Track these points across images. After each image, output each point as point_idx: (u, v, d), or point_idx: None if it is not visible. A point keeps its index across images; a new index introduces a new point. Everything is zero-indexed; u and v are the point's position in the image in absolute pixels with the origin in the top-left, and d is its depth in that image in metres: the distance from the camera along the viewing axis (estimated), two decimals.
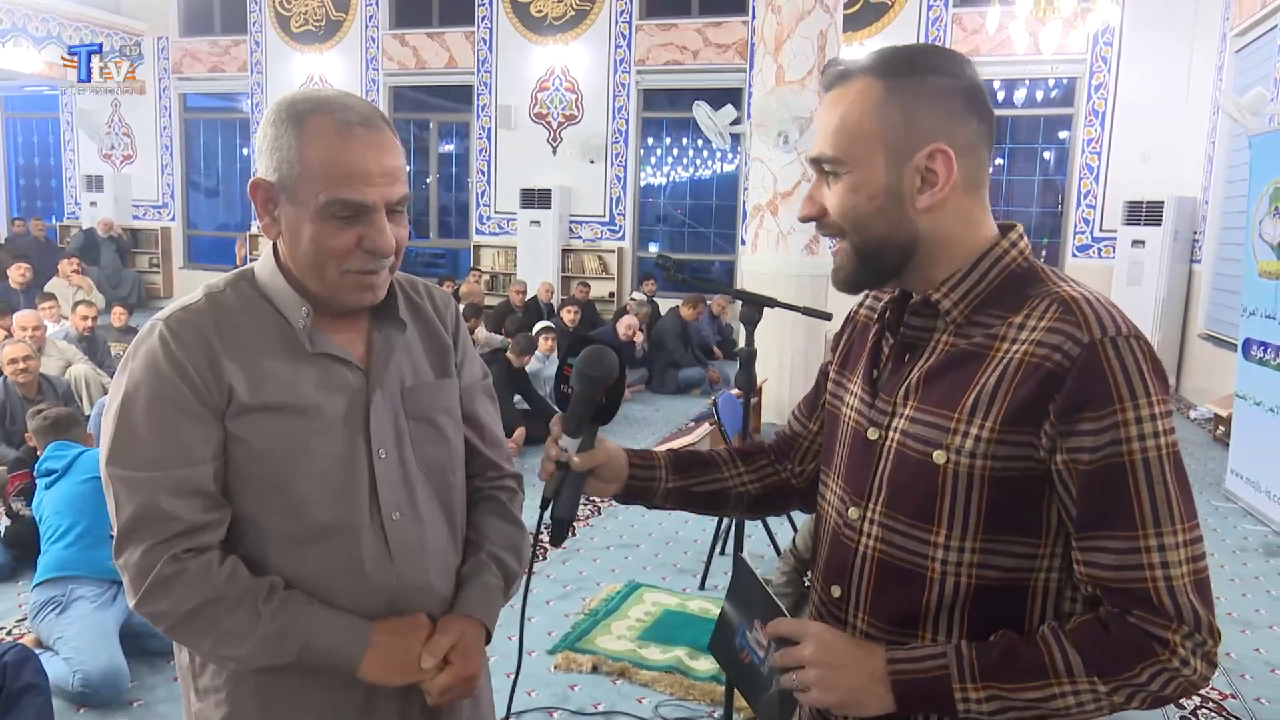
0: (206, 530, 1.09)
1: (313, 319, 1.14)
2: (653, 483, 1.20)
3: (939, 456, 0.95)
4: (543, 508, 1.13)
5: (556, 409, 1.16)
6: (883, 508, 1.00)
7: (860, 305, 1.17)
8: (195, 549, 1.08)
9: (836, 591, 1.05)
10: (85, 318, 6.27)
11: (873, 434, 1.03)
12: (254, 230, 12.15)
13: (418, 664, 1.13)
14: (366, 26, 11.63)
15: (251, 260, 1.28)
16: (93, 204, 12.68)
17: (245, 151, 12.85)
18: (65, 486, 3.12)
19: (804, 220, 1.03)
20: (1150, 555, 0.88)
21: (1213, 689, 3.12)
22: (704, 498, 1.23)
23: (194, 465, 1.08)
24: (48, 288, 8.59)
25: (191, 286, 1.18)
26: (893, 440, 1.00)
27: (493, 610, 1.25)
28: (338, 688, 1.14)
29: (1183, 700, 3.03)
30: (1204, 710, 2.99)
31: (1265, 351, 5.04)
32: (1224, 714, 2.97)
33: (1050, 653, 0.90)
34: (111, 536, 1.10)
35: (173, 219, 12.99)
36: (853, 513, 1.04)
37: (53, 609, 2.95)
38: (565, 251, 10.97)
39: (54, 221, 13.15)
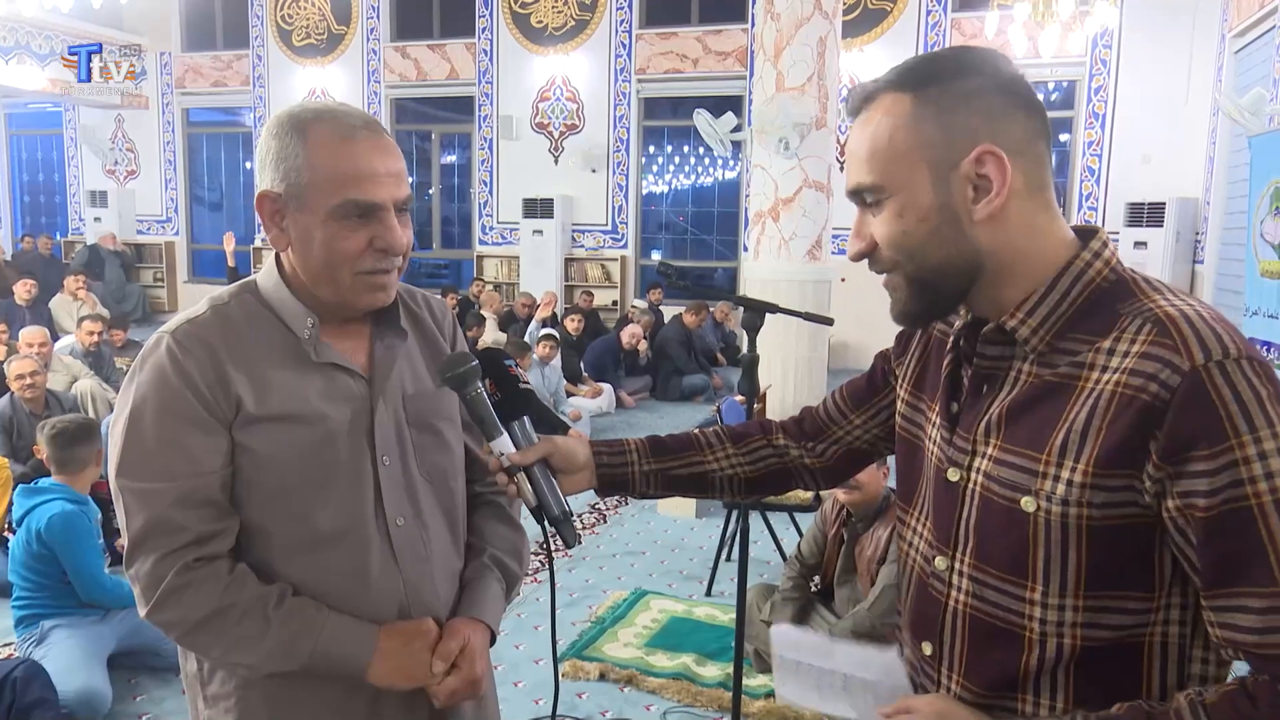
0: (216, 539, 1.10)
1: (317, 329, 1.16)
2: (626, 468, 1.19)
3: (1028, 504, 0.85)
4: (538, 520, 1.14)
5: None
6: (971, 559, 0.91)
7: None
8: (205, 558, 1.09)
9: (928, 649, 0.97)
10: (91, 333, 6.29)
11: (953, 475, 0.93)
12: (257, 244, 12.21)
13: (425, 668, 1.14)
14: (368, 39, 11.69)
15: (255, 269, 1.29)
16: (97, 219, 12.73)
17: (248, 165, 12.90)
18: (15, 546, 3.04)
19: (854, 259, 0.94)
20: None
21: None
22: (686, 481, 1.21)
23: (203, 476, 1.09)
24: (52, 304, 8.63)
25: (196, 300, 1.20)
26: (976, 483, 0.90)
27: (497, 613, 1.27)
28: (345, 692, 1.15)
29: None
30: None
31: (1270, 351, 5.03)
32: None
33: None
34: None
35: (176, 233, 13.04)
36: (940, 562, 0.95)
37: (32, 643, 2.94)
38: (568, 260, 10.99)
39: (58, 237, 13.22)
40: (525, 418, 1.13)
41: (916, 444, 1.03)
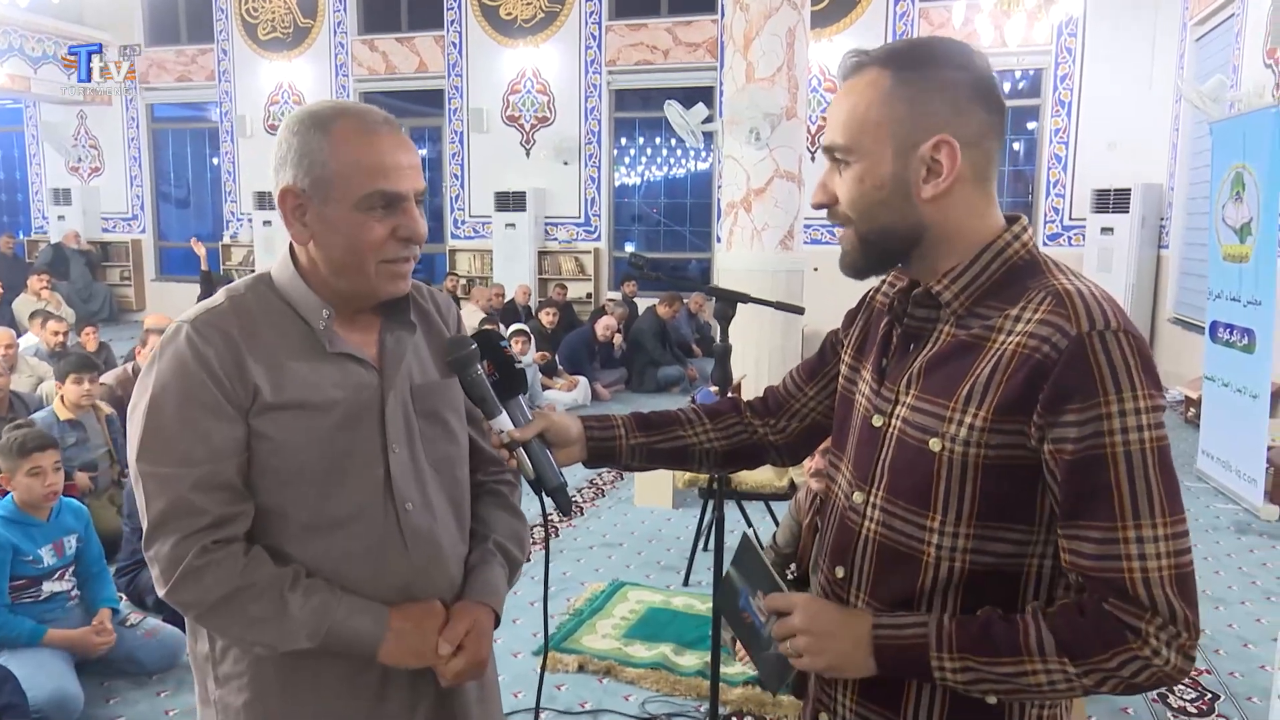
0: (233, 522, 1.14)
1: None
2: (614, 442, 1.27)
3: (935, 444, 0.97)
4: (536, 491, 1.20)
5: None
6: (884, 493, 1.03)
7: (877, 291, 1.18)
8: (223, 540, 1.13)
9: (840, 572, 1.08)
10: (56, 333, 6.19)
11: (877, 421, 1.06)
12: (226, 240, 12.06)
13: (434, 648, 1.20)
14: (335, 32, 11.56)
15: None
16: (60, 217, 12.51)
17: (215, 161, 12.73)
18: None
19: (816, 207, 1.05)
20: (1128, 546, 0.89)
21: None
22: (669, 454, 1.30)
23: (221, 461, 1.13)
24: (15, 304, 8.48)
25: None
26: (895, 428, 1.03)
27: (501, 596, 1.32)
28: (355, 669, 1.20)
29: None
30: (1179, 685, 3.04)
31: (1231, 334, 5.13)
32: (1199, 688, 3.03)
33: (1026, 632, 0.92)
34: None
35: (143, 231, 12.83)
36: (857, 497, 1.07)
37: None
38: (541, 254, 10.97)
39: (21, 236, 12.97)
40: (520, 396, 1.21)
41: (850, 398, 1.15)
